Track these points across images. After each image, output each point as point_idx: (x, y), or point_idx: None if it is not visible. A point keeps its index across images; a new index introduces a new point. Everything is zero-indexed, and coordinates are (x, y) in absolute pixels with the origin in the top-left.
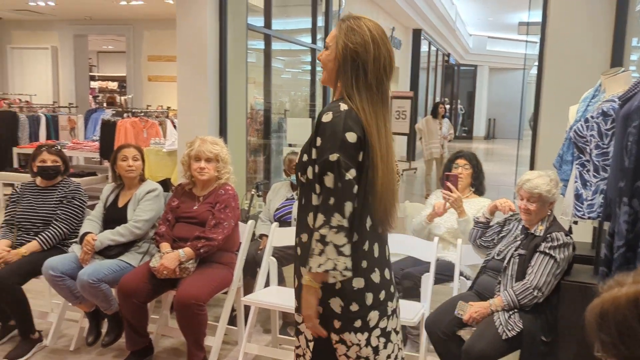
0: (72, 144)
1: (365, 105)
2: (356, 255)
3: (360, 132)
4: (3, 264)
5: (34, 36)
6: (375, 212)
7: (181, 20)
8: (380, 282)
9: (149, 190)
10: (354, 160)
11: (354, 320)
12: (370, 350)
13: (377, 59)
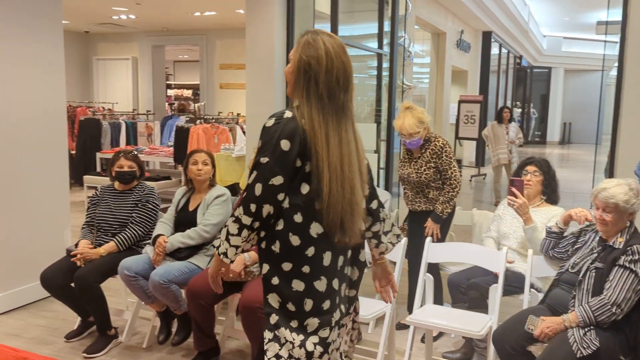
0: (149, 150)
1: (314, 114)
2: (298, 259)
3: (298, 140)
4: (83, 262)
5: (117, 48)
6: (325, 221)
7: (250, 29)
8: (326, 291)
9: (218, 195)
10: (285, 168)
11: (291, 320)
12: (304, 353)
13: (329, 71)
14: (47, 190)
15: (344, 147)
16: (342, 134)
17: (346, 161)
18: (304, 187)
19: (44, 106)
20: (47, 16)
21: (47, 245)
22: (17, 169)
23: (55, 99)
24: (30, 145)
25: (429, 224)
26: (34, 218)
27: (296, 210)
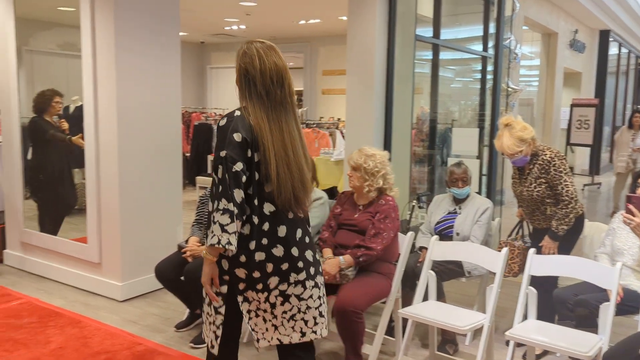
0: None
1: (257, 111)
2: (257, 234)
3: (247, 133)
4: (192, 258)
5: (228, 57)
6: (277, 200)
7: (351, 34)
8: (284, 256)
9: (316, 199)
10: (241, 156)
11: (257, 284)
12: (268, 305)
13: (263, 73)
14: (163, 189)
15: (285, 136)
16: (282, 125)
17: (289, 147)
18: (255, 175)
19: (162, 112)
20: (167, 31)
21: (161, 241)
22: (138, 170)
23: (172, 106)
24: (150, 148)
25: (545, 242)
26: (151, 215)
27: (252, 196)
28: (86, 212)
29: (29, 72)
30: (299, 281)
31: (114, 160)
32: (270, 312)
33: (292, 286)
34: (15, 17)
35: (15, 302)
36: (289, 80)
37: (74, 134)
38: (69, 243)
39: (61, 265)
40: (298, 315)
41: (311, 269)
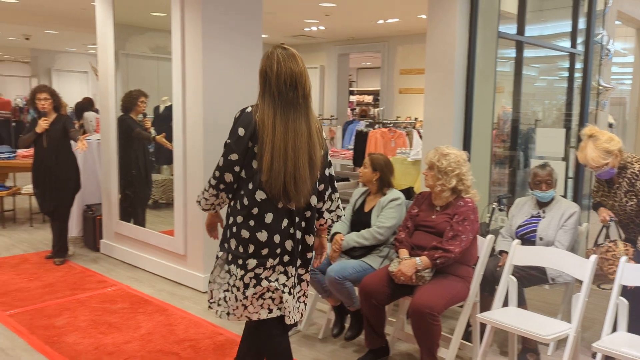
0: (331, 152)
1: (265, 109)
2: (247, 215)
3: (249, 128)
4: None
5: (307, 58)
6: (269, 189)
7: (431, 32)
8: (266, 241)
9: (393, 199)
10: (240, 147)
11: (238, 259)
12: (242, 284)
13: (279, 76)
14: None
15: (289, 134)
16: (289, 123)
17: (291, 144)
18: (253, 163)
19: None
20: (250, 34)
21: None
22: None
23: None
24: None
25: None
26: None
27: (248, 180)
28: (174, 206)
29: (124, 74)
30: (273, 266)
31: (199, 157)
32: (242, 292)
33: (266, 270)
34: (114, 23)
35: (110, 289)
36: (304, 84)
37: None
38: (158, 235)
39: (150, 255)
40: (267, 294)
41: (285, 257)
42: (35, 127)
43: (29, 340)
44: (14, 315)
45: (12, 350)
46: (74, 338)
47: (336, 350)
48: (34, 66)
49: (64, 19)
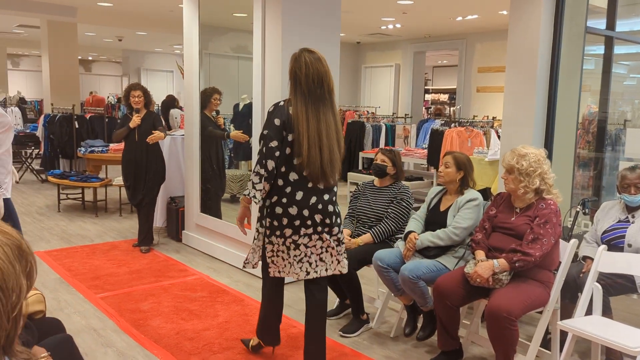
0: (405, 151)
1: (298, 104)
2: (280, 194)
3: (284, 119)
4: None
5: (382, 56)
6: (303, 170)
7: (513, 29)
8: (297, 214)
9: (470, 199)
10: (278, 136)
11: (276, 231)
12: (285, 248)
13: (307, 76)
14: None
15: (321, 124)
16: (319, 115)
17: (324, 133)
18: (287, 150)
19: None
20: (328, 33)
21: None
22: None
23: None
24: None
25: None
26: None
27: (282, 164)
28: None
29: (206, 73)
30: (307, 234)
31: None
32: (286, 253)
33: (301, 237)
34: (200, 23)
35: (190, 277)
36: (329, 82)
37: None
38: (235, 228)
39: (228, 247)
40: (305, 259)
41: (318, 227)
42: (128, 123)
43: (118, 322)
44: (104, 298)
45: (103, 330)
46: (158, 322)
47: (408, 349)
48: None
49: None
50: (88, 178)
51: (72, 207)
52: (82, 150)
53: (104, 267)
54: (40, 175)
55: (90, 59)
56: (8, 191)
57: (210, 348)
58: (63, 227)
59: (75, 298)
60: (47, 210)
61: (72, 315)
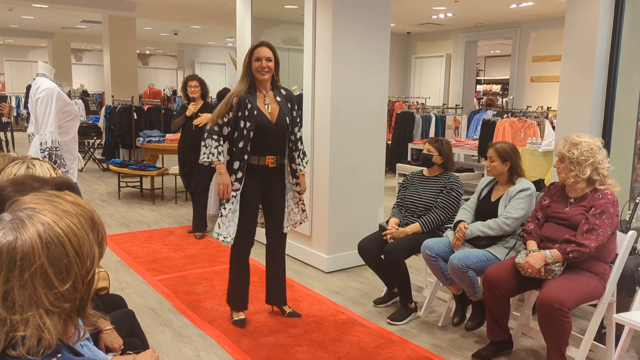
0: (455, 142)
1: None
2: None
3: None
4: (391, 239)
5: (433, 46)
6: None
7: (571, 15)
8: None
9: (522, 189)
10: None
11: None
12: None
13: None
14: (367, 173)
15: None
16: None
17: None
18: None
19: (370, 101)
20: (379, 23)
21: (364, 220)
22: (347, 154)
23: (379, 95)
24: (358, 134)
25: None
26: (356, 196)
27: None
28: None
29: None
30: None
31: (326, 144)
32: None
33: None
34: (252, 16)
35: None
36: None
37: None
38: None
39: None
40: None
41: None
42: (185, 112)
43: (174, 304)
44: (162, 280)
45: (161, 310)
46: (211, 305)
47: (456, 339)
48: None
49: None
50: (146, 167)
51: (131, 194)
52: (141, 140)
53: (160, 251)
54: (102, 164)
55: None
56: (74, 176)
57: (261, 331)
58: (123, 213)
59: (135, 279)
60: (109, 197)
61: (132, 295)
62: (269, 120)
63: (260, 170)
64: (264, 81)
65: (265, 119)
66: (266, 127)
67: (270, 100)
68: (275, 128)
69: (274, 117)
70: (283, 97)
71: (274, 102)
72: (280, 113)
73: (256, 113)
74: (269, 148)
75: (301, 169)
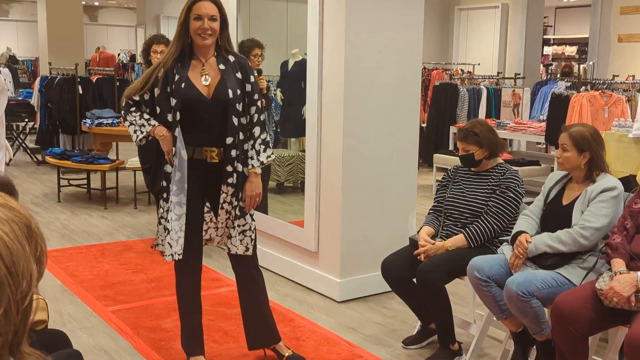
0: (514, 125)
1: None
2: None
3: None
4: (424, 257)
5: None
6: None
7: None
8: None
9: (605, 189)
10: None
11: None
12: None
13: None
14: (393, 168)
15: None
16: None
17: None
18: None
19: (397, 71)
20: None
21: (390, 230)
22: (365, 143)
23: (410, 63)
24: (380, 116)
25: None
26: (378, 198)
27: None
28: (303, 190)
29: (245, 21)
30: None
31: (338, 128)
32: None
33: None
34: None
35: (224, 289)
36: None
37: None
38: (283, 225)
39: (274, 251)
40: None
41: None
42: None
43: (134, 343)
44: (117, 312)
45: (116, 352)
46: None
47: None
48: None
49: None
50: (95, 159)
51: (76, 196)
52: (88, 123)
53: (115, 272)
54: (35, 156)
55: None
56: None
57: None
58: (64, 221)
59: (80, 311)
60: (45, 200)
61: (78, 331)
62: (202, 95)
63: (197, 167)
64: (204, 47)
65: (196, 93)
66: (197, 104)
67: (210, 69)
68: (211, 105)
69: (210, 90)
70: (230, 64)
71: (215, 72)
72: (220, 85)
73: (184, 86)
74: (205, 135)
75: (255, 165)
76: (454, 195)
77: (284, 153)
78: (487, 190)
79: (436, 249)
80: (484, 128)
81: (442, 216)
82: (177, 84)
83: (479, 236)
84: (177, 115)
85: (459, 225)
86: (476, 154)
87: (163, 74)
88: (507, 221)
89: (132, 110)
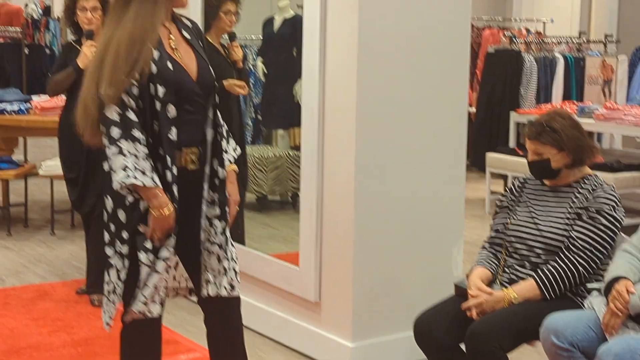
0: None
1: None
2: None
3: None
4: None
5: None
6: None
7: None
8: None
9: None
10: None
11: None
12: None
13: None
14: (431, 176)
15: None
16: None
17: None
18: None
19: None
20: None
21: (425, 273)
22: (386, 141)
23: (454, 20)
24: (410, 98)
25: None
26: (407, 223)
27: None
28: (298, 208)
29: None
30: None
31: (349, 121)
32: None
33: None
34: None
35: (184, 356)
36: None
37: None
38: (267, 262)
39: (254, 299)
40: None
41: None
42: (73, 58)
43: None
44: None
45: None
46: None
47: None
48: None
49: None
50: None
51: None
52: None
53: (24, 331)
54: None
55: None
56: None
57: None
58: None
59: None
60: None
61: None
62: (192, 80)
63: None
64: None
65: (187, 77)
66: (190, 94)
67: (177, 39)
68: (201, 91)
69: (192, 70)
70: (190, 31)
71: (183, 44)
72: (200, 62)
73: (172, 68)
74: (189, 133)
75: (231, 160)
76: (520, 222)
77: (267, 152)
78: (568, 214)
79: (494, 302)
80: (567, 123)
81: (503, 252)
82: (161, 64)
83: (557, 283)
84: (170, 111)
85: (527, 267)
86: (553, 161)
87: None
88: (597, 260)
89: (135, 134)
